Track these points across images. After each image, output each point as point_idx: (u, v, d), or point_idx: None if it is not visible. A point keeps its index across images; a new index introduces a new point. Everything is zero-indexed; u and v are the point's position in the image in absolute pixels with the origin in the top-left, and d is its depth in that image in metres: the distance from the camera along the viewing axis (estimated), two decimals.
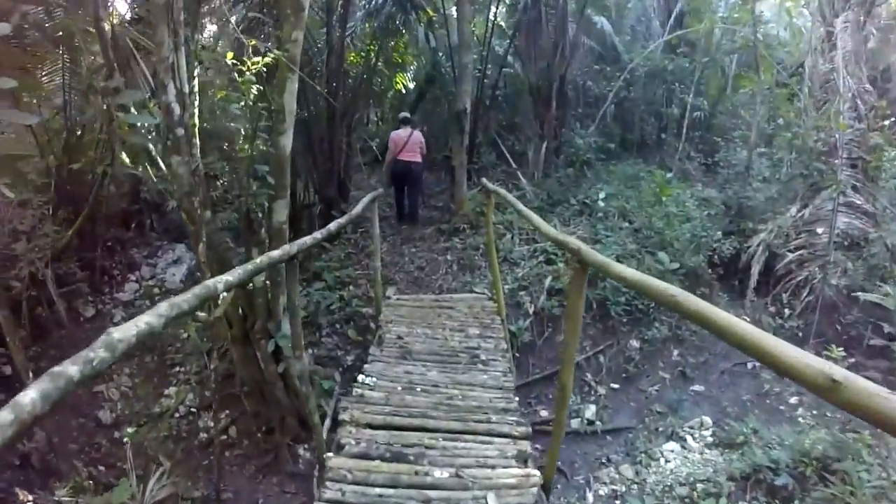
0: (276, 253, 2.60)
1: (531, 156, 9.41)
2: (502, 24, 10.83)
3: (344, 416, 3.69)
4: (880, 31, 8.03)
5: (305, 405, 3.33)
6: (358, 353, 5.78)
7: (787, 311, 7.04)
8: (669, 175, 8.74)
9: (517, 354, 5.89)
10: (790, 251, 7.20)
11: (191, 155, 3.40)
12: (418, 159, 8.21)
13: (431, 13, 8.57)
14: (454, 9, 9.24)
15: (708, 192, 8.96)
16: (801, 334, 6.77)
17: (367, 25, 8.50)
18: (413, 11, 8.16)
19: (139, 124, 3.21)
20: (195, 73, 3.39)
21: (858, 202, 7.24)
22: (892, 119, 7.56)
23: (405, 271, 7.40)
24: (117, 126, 3.02)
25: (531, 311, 6.37)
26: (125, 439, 5.14)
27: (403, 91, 11.39)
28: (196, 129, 3.42)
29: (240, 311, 4.68)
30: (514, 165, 9.64)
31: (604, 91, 9.96)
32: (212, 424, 5.66)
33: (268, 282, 4.43)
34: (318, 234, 3.29)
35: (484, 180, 6.23)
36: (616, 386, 6.11)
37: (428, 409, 3.79)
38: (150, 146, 3.52)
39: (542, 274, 6.76)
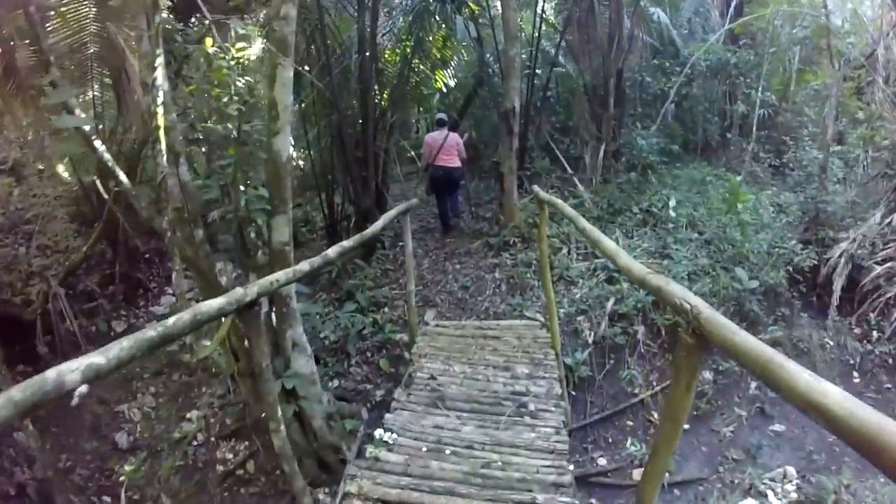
0: (214, 302, 1.64)
1: (588, 160, 8.09)
2: (551, 19, 9.64)
3: (350, 488, 2.75)
4: None
5: (292, 482, 2.38)
6: (389, 386, 4.86)
7: (875, 333, 5.78)
8: (738, 178, 7.38)
9: (573, 392, 4.80)
10: (877, 263, 5.83)
11: (156, 163, 2.52)
12: (456, 163, 7.15)
13: (474, 7, 7.46)
14: (498, 3, 8.16)
15: (784, 196, 7.54)
16: (891, 361, 5.58)
17: (402, 20, 7.51)
18: (450, 1, 7.08)
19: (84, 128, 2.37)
20: (157, 63, 2.52)
21: None
22: None
23: (447, 291, 6.31)
24: (50, 131, 2.20)
25: (590, 339, 5.22)
26: (122, 477, 4.39)
27: (448, 94, 10.30)
28: (161, 132, 2.54)
29: (246, 343, 3.81)
30: (569, 171, 8.33)
31: (663, 88, 8.63)
32: (230, 456, 4.91)
33: (273, 314, 3.53)
34: (304, 266, 2.32)
35: (536, 188, 5.11)
36: (686, 426, 4.90)
37: (457, 483, 2.79)
38: (107, 156, 2.66)
39: (602, 295, 5.56)
